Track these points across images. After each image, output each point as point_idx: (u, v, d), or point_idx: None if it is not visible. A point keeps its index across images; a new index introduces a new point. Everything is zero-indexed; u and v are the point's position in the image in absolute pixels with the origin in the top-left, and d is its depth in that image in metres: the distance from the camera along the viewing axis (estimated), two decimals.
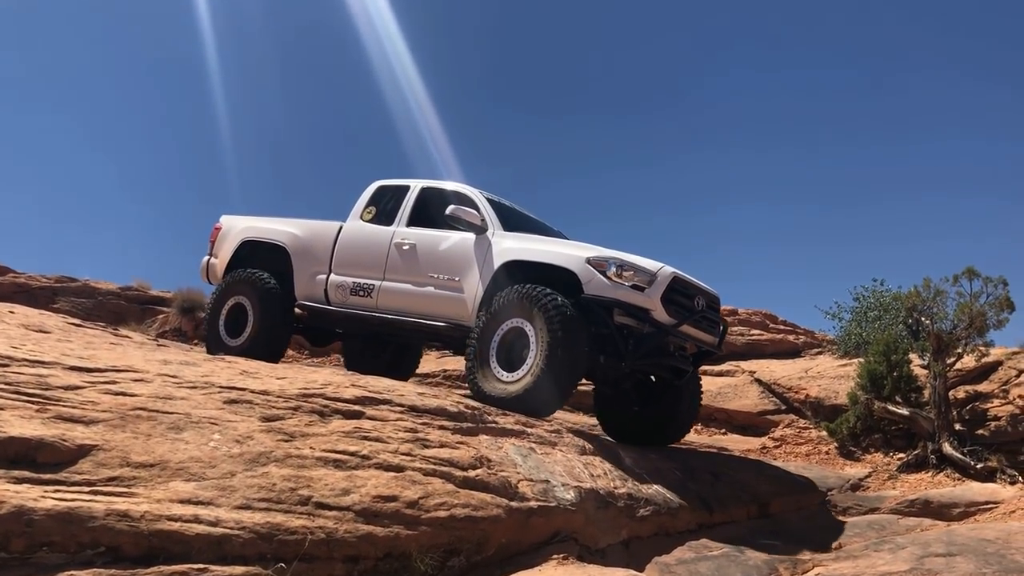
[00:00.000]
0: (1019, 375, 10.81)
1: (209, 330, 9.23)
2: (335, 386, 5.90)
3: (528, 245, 7.85)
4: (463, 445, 5.63)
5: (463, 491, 5.02)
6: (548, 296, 7.01)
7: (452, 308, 7.93)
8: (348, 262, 8.83)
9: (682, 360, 8.07)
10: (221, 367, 6.17)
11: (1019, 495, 8.39)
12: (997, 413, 10.08)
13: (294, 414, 5.25)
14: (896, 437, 10.57)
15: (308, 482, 4.50)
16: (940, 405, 9.75)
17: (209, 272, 9.76)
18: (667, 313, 7.34)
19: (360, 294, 8.57)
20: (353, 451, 4.97)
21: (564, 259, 7.47)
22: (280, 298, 8.87)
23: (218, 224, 9.88)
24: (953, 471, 9.23)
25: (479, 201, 8.38)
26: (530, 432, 6.46)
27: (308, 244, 9.10)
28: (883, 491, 9.24)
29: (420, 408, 5.97)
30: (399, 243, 8.50)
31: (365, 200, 9.13)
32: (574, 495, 5.62)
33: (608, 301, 7.17)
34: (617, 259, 7.28)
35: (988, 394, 10.67)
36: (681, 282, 7.61)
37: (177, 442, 4.44)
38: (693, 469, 7.73)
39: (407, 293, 8.26)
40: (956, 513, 8.27)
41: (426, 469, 5.06)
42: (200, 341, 13.87)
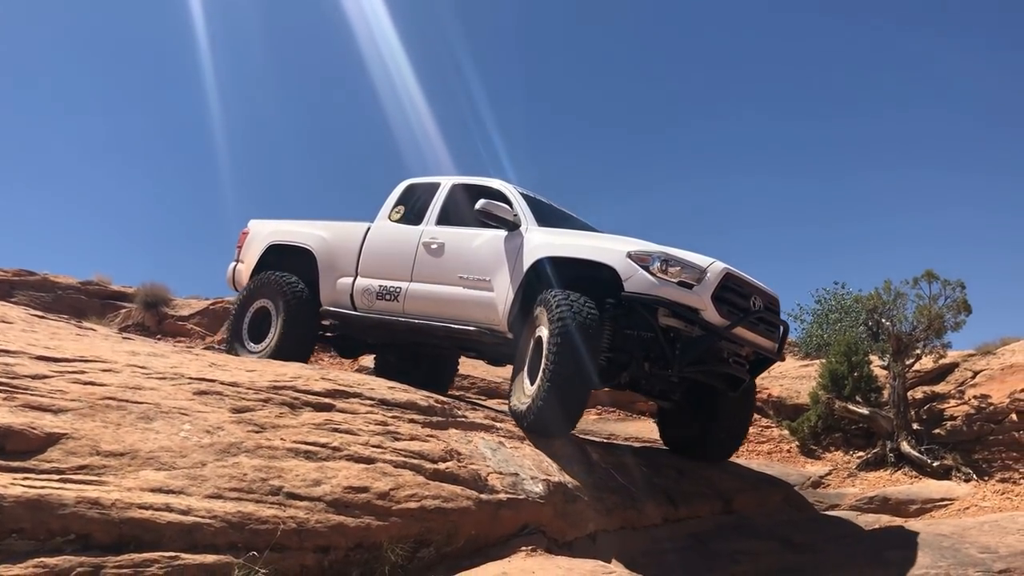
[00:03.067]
0: (975, 376, 11.03)
1: (232, 335, 8.80)
2: (305, 379, 5.89)
3: (563, 240, 7.14)
4: (433, 438, 5.65)
5: (433, 483, 5.05)
6: (556, 297, 6.33)
7: (481, 311, 7.26)
8: (375, 265, 8.27)
9: (738, 368, 7.19)
10: (190, 359, 6.13)
11: (973, 492, 8.60)
12: (953, 413, 10.29)
13: (264, 406, 5.25)
14: (856, 436, 10.75)
15: (279, 473, 4.51)
16: (899, 405, 9.93)
17: (236, 278, 9.36)
18: (719, 314, 6.58)
19: (387, 298, 7.97)
20: (324, 443, 4.98)
21: (602, 254, 6.75)
22: (306, 303, 8.37)
23: (246, 229, 9.52)
24: (911, 469, 9.41)
25: (512, 196, 7.77)
26: (499, 427, 6.50)
27: (335, 247, 8.61)
28: (843, 488, 9.41)
29: (390, 402, 5.98)
30: (427, 243, 7.90)
31: (394, 199, 8.66)
32: (543, 488, 5.67)
33: (651, 299, 6.40)
34: (662, 253, 6.54)
35: (945, 395, 10.89)
36: (735, 279, 6.86)
37: (147, 432, 4.42)
38: (659, 465, 7.80)
39: (434, 295, 7.65)
40: (913, 510, 8.45)
41: (396, 461, 5.09)
42: (163, 336, 13.75)
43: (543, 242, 7.06)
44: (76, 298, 16.56)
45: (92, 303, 16.59)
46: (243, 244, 9.38)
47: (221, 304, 16.22)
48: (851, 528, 7.56)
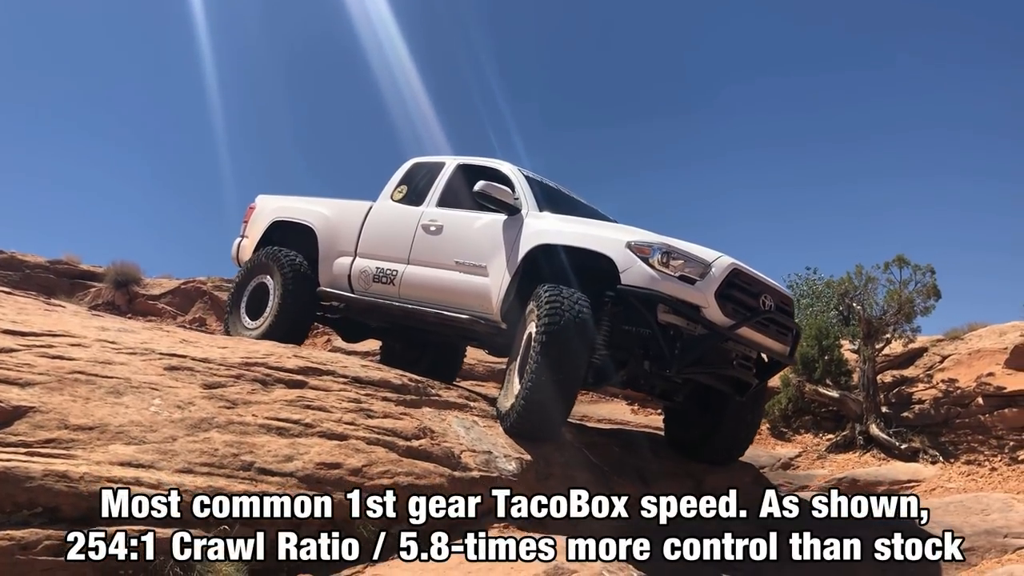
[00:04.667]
0: (943, 361, 11.18)
1: (231, 312, 8.58)
2: (277, 356, 5.86)
3: (562, 227, 6.71)
4: (407, 416, 5.65)
5: (406, 460, 5.04)
6: (547, 292, 5.95)
7: (475, 297, 6.92)
8: (373, 246, 7.96)
9: (744, 371, 6.78)
10: (161, 335, 6.08)
11: (939, 474, 8.72)
12: (921, 397, 10.42)
13: (236, 382, 5.21)
14: (826, 419, 10.87)
15: (251, 448, 4.49)
16: (868, 388, 10.04)
17: (239, 254, 9.08)
18: (723, 312, 6.13)
19: (383, 281, 7.65)
20: (296, 419, 4.96)
21: (600, 243, 6.33)
22: (305, 280, 8.08)
23: (252, 204, 9.27)
24: (879, 451, 9.52)
25: (515, 178, 7.40)
26: (473, 406, 6.51)
27: (336, 226, 8.34)
28: (812, 470, 9.50)
29: (363, 380, 5.97)
30: (426, 224, 7.58)
31: (398, 178, 8.36)
32: (516, 466, 5.67)
33: (649, 294, 5.99)
34: (664, 244, 6.12)
35: (913, 379, 11.03)
36: (743, 276, 6.41)
37: (117, 406, 4.38)
38: (631, 446, 7.84)
39: (429, 280, 7.33)
40: (881, 491, 8.53)
41: (369, 438, 5.08)
42: (134, 315, 13.61)
43: (541, 228, 6.71)
44: (45, 277, 16.31)
45: (61, 282, 16.34)
46: (249, 219, 9.17)
47: (193, 284, 16.08)
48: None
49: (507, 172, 7.55)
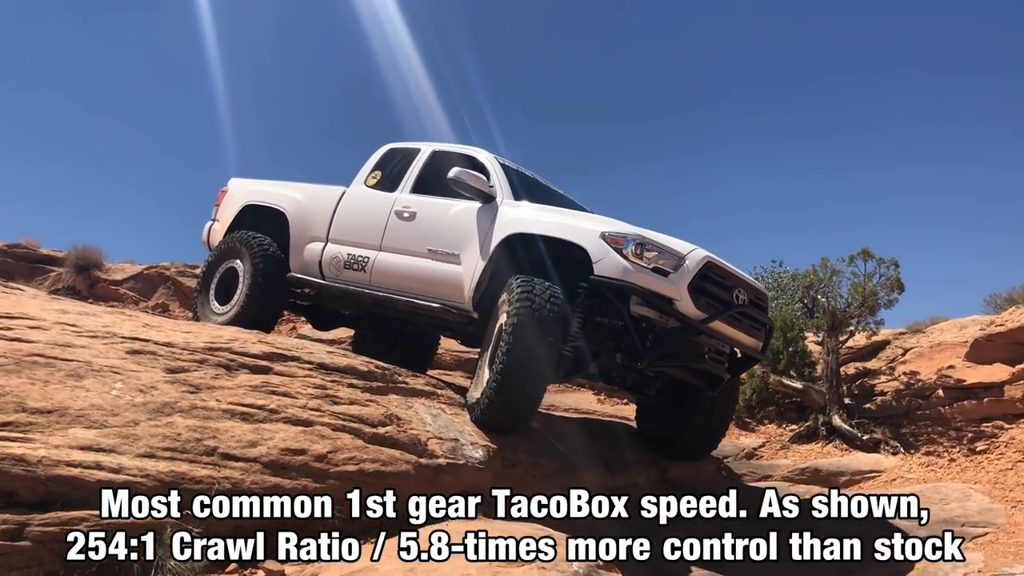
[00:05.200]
0: (905, 354, 11.32)
1: (199, 296, 8.41)
2: (242, 342, 5.79)
3: (536, 216, 6.61)
4: (373, 403, 5.61)
5: (372, 447, 5.02)
6: (518, 283, 5.91)
7: (447, 286, 6.82)
8: (345, 232, 7.82)
9: (716, 365, 6.69)
10: (123, 319, 5.98)
11: (900, 465, 8.83)
12: (884, 388, 10.54)
13: (200, 367, 5.14)
14: (789, 409, 10.96)
15: (214, 433, 4.44)
16: (832, 379, 10.14)
17: (210, 237, 8.91)
18: (695, 305, 6.06)
19: (354, 268, 7.52)
20: (261, 404, 4.91)
21: (573, 232, 6.24)
22: (275, 265, 7.94)
23: (225, 187, 9.08)
24: (841, 442, 9.62)
25: (491, 166, 7.28)
26: (440, 393, 6.48)
27: (308, 210, 8.19)
28: (775, 460, 9.59)
29: (329, 366, 5.92)
30: (399, 211, 7.45)
31: (372, 164, 8.22)
32: (482, 454, 5.66)
33: (622, 285, 5.89)
34: (638, 236, 6.04)
35: (876, 371, 11.15)
36: (717, 269, 6.34)
37: (77, 389, 4.30)
38: (598, 435, 7.86)
39: (401, 267, 7.21)
40: (843, 481, 8.64)
41: (335, 424, 5.04)
42: (95, 300, 13.39)
43: (515, 217, 6.60)
44: (2, 261, 15.96)
45: (19, 266, 16.03)
46: (221, 203, 9.00)
47: (156, 270, 15.86)
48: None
49: (483, 160, 7.46)
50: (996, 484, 7.67)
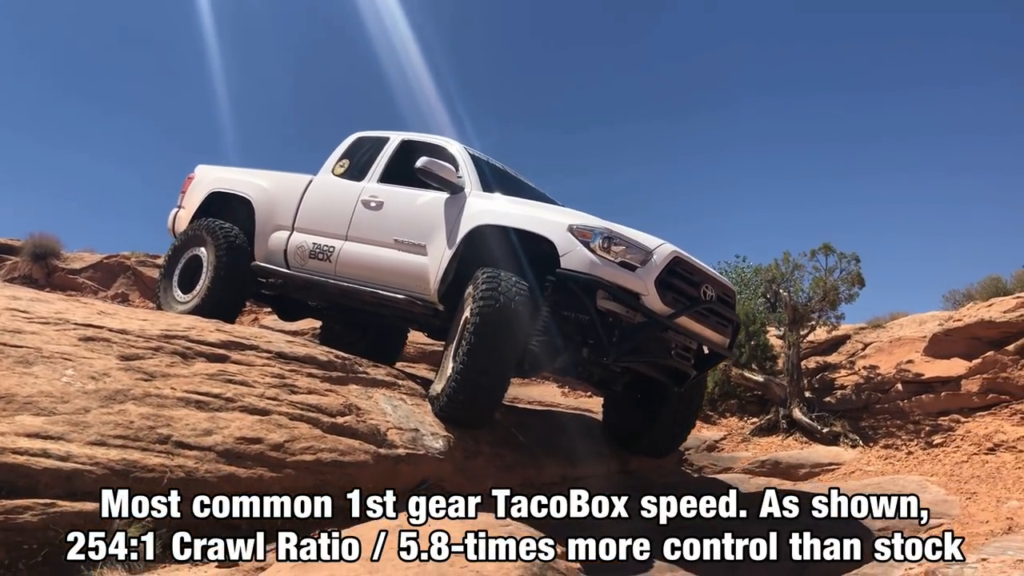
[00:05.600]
0: (865, 348, 11.46)
1: (162, 285, 8.25)
2: (199, 330, 5.70)
3: (503, 208, 6.52)
4: (332, 393, 5.55)
5: (330, 436, 4.96)
6: (484, 276, 5.83)
7: (412, 277, 6.71)
8: (311, 221, 7.70)
9: (683, 362, 6.61)
10: (76, 306, 5.85)
11: (859, 457, 8.92)
12: (843, 382, 10.66)
13: (155, 354, 5.05)
14: (751, 403, 11.05)
15: (168, 421, 4.36)
16: (792, 373, 10.22)
17: (176, 224, 8.73)
18: (662, 300, 5.97)
19: (319, 257, 7.41)
20: (217, 393, 4.83)
21: (541, 225, 6.16)
22: (239, 254, 7.80)
23: (192, 174, 8.92)
24: (801, 435, 9.71)
25: (460, 156, 7.18)
26: (401, 384, 6.43)
27: (274, 198, 8.05)
28: (736, 452, 9.65)
29: (288, 355, 5.84)
30: (366, 200, 7.33)
31: (340, 152, 8.10)
32: (443, 444, 5.63)
33: (588, 279, 5.82)
34: (606, 229, 5.96)
35: (836, 365, 11.28)
36: (685, 265, 6.26)
37: (26, 376, 4.20)
38: (560, 426, 7.86)
39: (366, 257, 7.09)
40: (802, 473, 8.72)
41: (293, 414, 4.98)
42: (52, 289, 13.17)
43: (483, 209, 6.51)
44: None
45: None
46: (187, 189, 8.83)
47: (116, 259, 15.61)
48: (740, 489, 7.75)
49: (452, 150, 7.34)
50: (952, 476, 7.76)
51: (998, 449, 8.25)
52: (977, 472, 7.82)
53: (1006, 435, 8.38)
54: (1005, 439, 8.32)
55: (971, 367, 9.32)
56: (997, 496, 6.93)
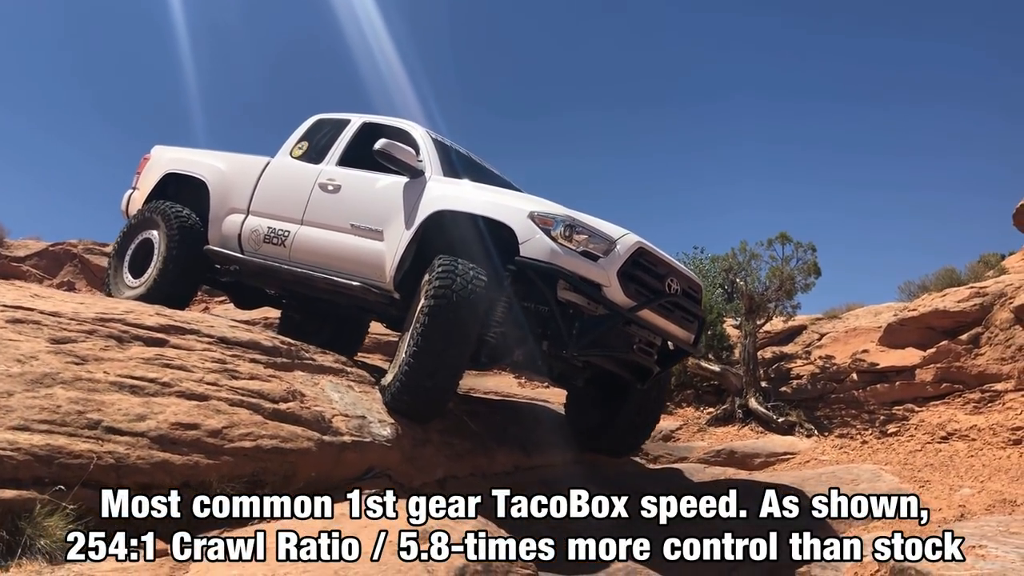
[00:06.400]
0: (821, 339, 11.50)
1: (112, 269, 7.96)
2: (137, 313, 5.47)
3: (464, 193, 6.29)
4: (276, 379, 5.36)
5: (272, 423, 4.78)
6: (440, 264, 5.60)
7: (368, 264, 6.46)
8: (267, 204, 7.43)
9: (645, 357, 6.35)
10: (7, 288, 5.61)
11: (814, 447, 8.93)
12: (799, 372, 10.68)
13: (88, 338, 4.84)
14: (707, 392, 11.04)
15: (99, 406, 4.16)
16: (749, 363, 10.22)
17: (129, 206, 8.42)
18: (625, 292, 5.77)
19: (273, 242, 7.13)
20: (153, 377, 4.63)
21: (500, 211, 5.93)
22: (192, 237, 7.57)
23: (148, 155, 8.62)
24: (757, 424, 9.71)
25: (421, 139, 6.95)
26: (350, 371, 6.25)
27: (230, 181, 7.78)
28: (692, 442, 9.62)
29: (231, 340, 5.64)
30: (323, 183, 7.08)
31: (299, 134, 7.85)
32: (391, 432, 5.47)
33: (548, 268, 5.59)
34: (568, 217, 5.75)
35: (792, 355, 11.31)
36: (649, 256, 6.06)
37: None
38: (513, 416, 7.75)
39: (322, 242, 6.84)
40: (758, 463, 8.71)
41: (233, 399, 4.79)
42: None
43: (442, 194, 6.27)
44: None
45: None
46: (142, 170, 8.54)
47: (63, 247, 15.23)
48: (693, 479, 7.72)
49: (415, 134, 7.09)
50: (906, 465, 7.78)
51: (951, 438, 8.29)
52: (930, 460, 7.84)
53: (959, 424, 8.42)
54: (958, 428, 8.37)
55: (925, 356, 9.36)
56: (950, 484, 6.95)
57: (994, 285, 9.62)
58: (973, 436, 8.11)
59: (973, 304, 9.38)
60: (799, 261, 10.34)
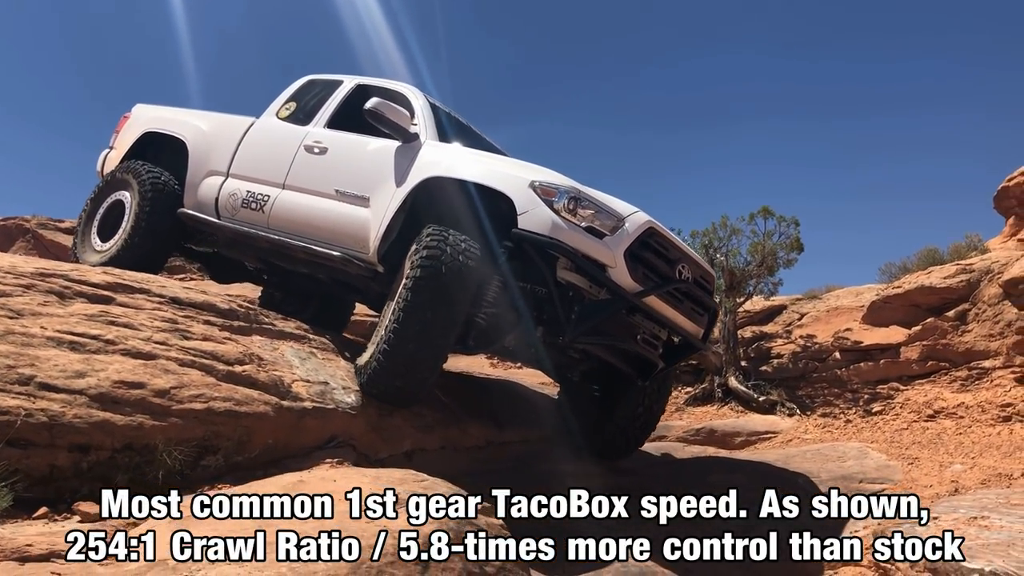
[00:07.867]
0: (802, 318, 11.30)
1: (80, 232, 7.49)
2: (82, 271, 5.09)
3: (460, 159, 5.71)
4: (231, 341, 5.00)
5: (225, 385, 4.42)
6: (429, 234, 5.07)
7: (351, 233, 5.92)
8: (248, 167, 6.92)
9: (649, 350, 5.76)
10: None
11: (796, 425, 8.70)
12: (780, 351, 10.47)
13: (26, 292, 4.46)
14: (685, 372, 10.81)
15: (32, 361, 3.79)
16: (729, 341, 9.99)
17: (105, 167, 7.92)
18: (631, 275, 5.17)
19: (252, 207, 6.62)
20: (95, 334, 4.26)
21: (499, 179, 5.34)
22: (167, 199, 7.08)
23: (128, 113, 8.16)
24: (737, 404, 9.49)
25: (416, 102, 6.44)
26: (313, 338, 5.88)
27: (211, 141, 7.32)
28: (671, 421, 9.39)
29: (183, 300, 5.26)
30: (309, 145, 6.57)
31: (287, 95, 7.37)
32: (355, 399, 5.12)
33: (548, 242, 5.00)
34: (573, 189, 5.17)
35: (773, 334, 11.10)
36: (660, 238, 5.48)
37: None
38: (485, 391, 7.46)
39: (303, 208, 6.31)
40: (738, 442, 8.47)
41: (183, 360, 4.43)
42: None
43: (436, 159, 5.71)
44: None
45: None
46: (120, 129, 8.08)
47: (15, 221, 14.70)
48: (671, 457, 7.48)
49: (408, 95, 6.59)
50: (892, 443, 7.56)
51: (938, 416, 8.09)
52: (918, 438, 7.63)
53: (946, 402, 8.22)
54: (945, 406, 8.16)
55: (910, 334, 9.16)
56: (940, 461, 6.73)
57: (980, 262, 9.42)
58: (961, 414, 7.90)
59: (960, 280, 9.18)
60: (782, 236, 10.13)
